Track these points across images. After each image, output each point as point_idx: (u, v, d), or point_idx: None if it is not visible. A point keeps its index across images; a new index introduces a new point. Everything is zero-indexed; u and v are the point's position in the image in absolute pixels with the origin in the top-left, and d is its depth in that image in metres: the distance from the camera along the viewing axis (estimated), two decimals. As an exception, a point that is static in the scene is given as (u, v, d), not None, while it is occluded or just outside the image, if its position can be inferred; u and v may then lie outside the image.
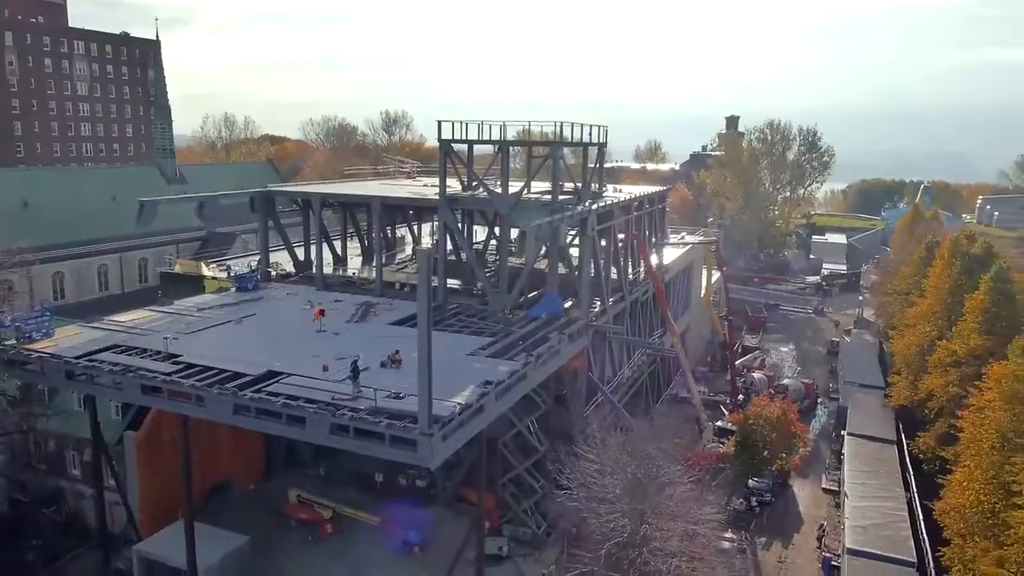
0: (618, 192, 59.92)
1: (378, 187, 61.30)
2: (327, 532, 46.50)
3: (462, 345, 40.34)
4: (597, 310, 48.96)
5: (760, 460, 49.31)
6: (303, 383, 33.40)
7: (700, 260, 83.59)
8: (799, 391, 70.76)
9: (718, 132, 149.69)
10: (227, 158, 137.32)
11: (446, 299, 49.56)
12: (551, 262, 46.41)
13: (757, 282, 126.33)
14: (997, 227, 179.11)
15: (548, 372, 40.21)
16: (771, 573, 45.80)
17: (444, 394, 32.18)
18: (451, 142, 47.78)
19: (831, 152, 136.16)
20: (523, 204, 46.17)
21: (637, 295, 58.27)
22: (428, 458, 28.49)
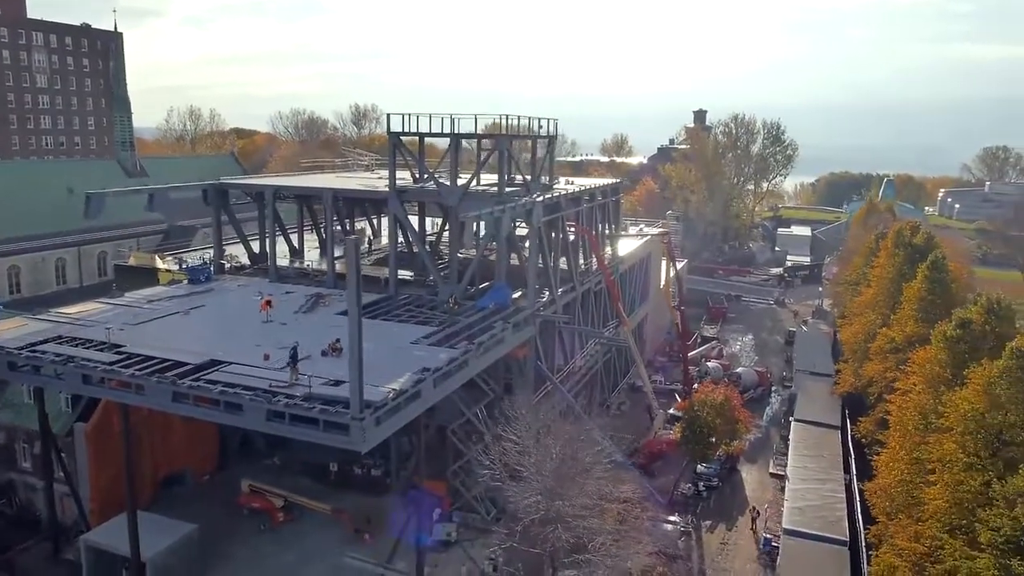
0: (570, 185, 60.78)
1: (331, 180, 61.63)
2: (279, 520, 47.04)
3: (406, 334, 41.06)
4: (545, 300, 49.78)
5: (705, 445, 50.50)
6: (244, 371, 33.95)
7: (659, 251, 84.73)
8: (752, 379, 72.31)
9: (684, 126, 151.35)
10: (193, 151, 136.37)
11: (397, 290, 50.17)
12: (499, 253, 47.21)
13: (721, 273, 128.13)
14: (957, 219, 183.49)
15: (491, 360, 41.03)
16: (714, 554, 47.05)
17: (381, 380, 32.94)
18: (400, 135, 48.29)
19: (794, 146, 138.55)
20: (471, 196, 46.87)
21: (589, 286, 59.21)
22: (360, 442, 29.21)
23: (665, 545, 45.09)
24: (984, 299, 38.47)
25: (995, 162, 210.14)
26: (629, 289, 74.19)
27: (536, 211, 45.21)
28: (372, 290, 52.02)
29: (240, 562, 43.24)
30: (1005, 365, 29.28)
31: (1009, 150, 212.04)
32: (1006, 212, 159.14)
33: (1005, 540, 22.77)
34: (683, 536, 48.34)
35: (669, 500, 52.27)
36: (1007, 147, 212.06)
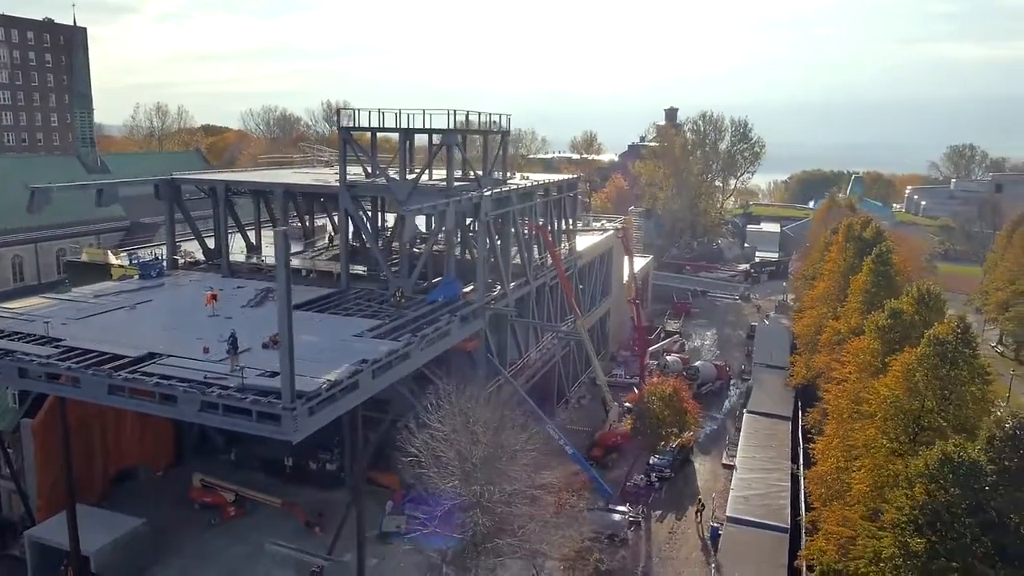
0: (525, 180, 61.26)
1: (286, 175, 61.68)
2: (230, 515, 47.15)
3: (351, 327, 41.33)
4: (496, 294, 50.22)
5: (655, 436, 51.23)
6: (182, 364, 34.08)
7: (620, 247, 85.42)
8: (710, 373, 73.23)
9: (654, 123, 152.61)
10: (160, 148, 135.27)
11: (349, 284, 50.38)
12: (448, 248, 47.59)
13: (689, 269, 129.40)
14: (923, 216, 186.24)
15: (436, 352, 41.43)
16: (661, 543, 47.77)
17: (317, 372, 33.25)
18: (350, 130, 48.49)
19: (761, 143, 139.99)
20: (421, 191, 47.19)
21: (544, 280, 59.73)
22: (291, 432, 29.47)
23: (612, 532, 45.88)
24: (915, 290, 39.40)
25: (961, 160, 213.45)
26: (590, 284, 74.88)
27: (484, 206, 45.62)
28: (325, 285, 52.30)
29: (189, 556, 43.32)
30: (923, 353, 30.11)
31: (975, 148, 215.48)
32: (970, 209, 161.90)
33: (906, 519, 23.52)
34: (632, 526, 49.03)
35: (621, 491, 53.02)
36: (973, 145, 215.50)
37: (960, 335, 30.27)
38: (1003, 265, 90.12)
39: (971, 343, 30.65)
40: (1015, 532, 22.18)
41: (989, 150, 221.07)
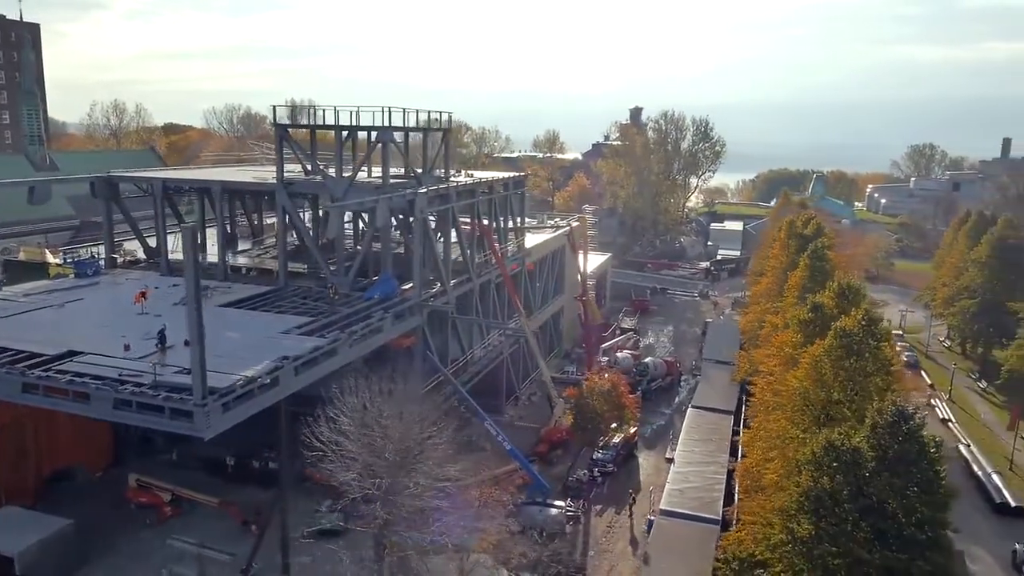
0: (468, 178, 61.45)
1: (228, 173, 61.32)
2: (166, 515, 46.76)
3: (281, 324, 41.29)
4: (435, 291, 50.36)
5: (594, 431, 51.70)
6: (100, 362, 33.84)
7: (578, 244, 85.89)
8: (660, 369, 73.93)
9: (616, 122, 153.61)
10: (118, 146, 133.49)
11: (287, 281, 50.24)
12: (383, 244, 47.65)
13: (651, 267, 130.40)
14: (883, 214, 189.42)
15: (368, 349, 41.53)
16: (599, 536, 48.25)
17: (236, 368, 33.21)
18: (286, 127, 48.37)
19: (722, 142, 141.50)
20: (357, 188, 47.20)
21: (489, 278, 59.96)
22: (204, 428, 29.42)
23: (546, 527, 46.26)
24: (835, 284, 40.19)
25: (922, 159, 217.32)
26: (541, 281, 75.28)
27: (419, 203, 45.73)
28: (265, 283, 52.13)
29: (120, 556, 42.90)
30: (829, 344, 30.78)
31: (935, 148, 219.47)
32: (928, 207, 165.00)
33: (795, 505, 24.08)
34: (571, 520, 49.45)
35: (563, 486, 53.43)
36: (933, 145, 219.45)
37: (865, 327, 30.97)
38: (948, 262, 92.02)
39: (876, 335, 31.37)
40: (893, 517, 22.83)
41: (949, 149, 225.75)
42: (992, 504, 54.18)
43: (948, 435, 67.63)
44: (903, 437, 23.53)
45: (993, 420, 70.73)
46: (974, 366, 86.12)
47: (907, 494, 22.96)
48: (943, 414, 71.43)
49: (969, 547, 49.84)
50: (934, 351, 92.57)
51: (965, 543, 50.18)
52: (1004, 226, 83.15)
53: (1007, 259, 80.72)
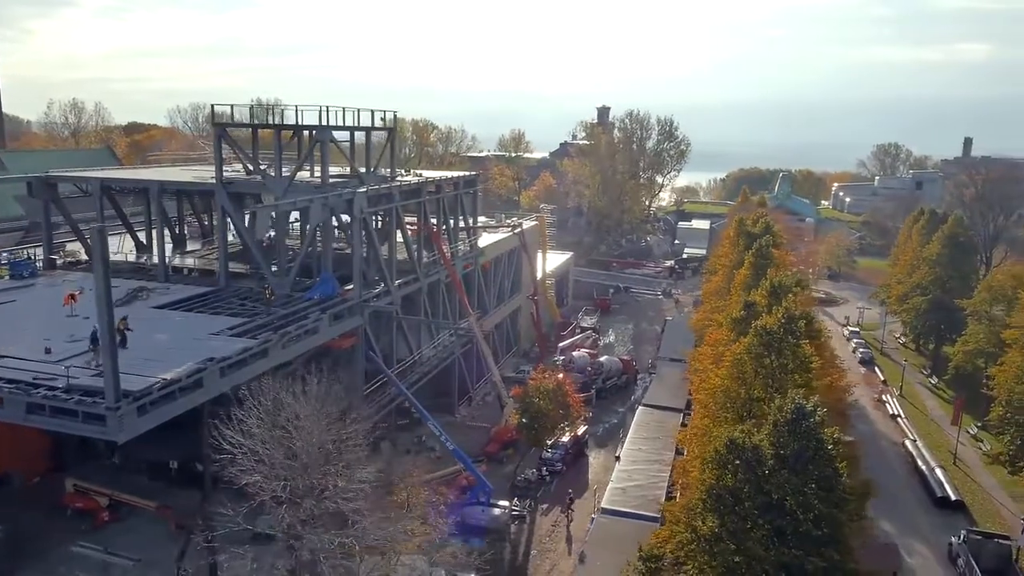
0: (417, 177, 61.17)
1: (167, 173, 60.49)
2: (103, 520, 46.06)
3: (213, 325, 40.77)
4: (378, 291, 50.05)
5: (541, 431, 51.68)
6: (17, 365, 33.18)
7: (535, 243, 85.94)
8: (616, 368, 74.13)
9: (581, 121, 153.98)
10: (77, 145, 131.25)
11: (228, 282, 49.65)
12: (325, 244, 47.26)
13: (616, 266, 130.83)
14: (848, 212, 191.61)
15: (302, 350, 41.13)
16: (543, 536, 48.26)
17: (157, 371, 32.73)
18: (224, 125, 47.80)
19: (687, 141, 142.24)
20: (296, 188, 46.77)
21: (438, 277, 59.73)
22: (117, 432, 28.96)
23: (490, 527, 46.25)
24: (768, 283, 40.48)
25: (887, 158, 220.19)
26: (497, 280, 75.18)
27: (357, 202, 45.39)
28: (207, 283, 51.48)
29: (52, 562, 42.13)
30: (750, 342, 30.97)
31: (900, 147, 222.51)
32: (891, 205, 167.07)
33: (700, 503, 24.20)
34: (516, 520, 49.43)
35: (510, 485, 53.39)
36: (898, 144, 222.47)
37: (786, 325, 31.20)
38: (902, 259, 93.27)
39: (796, 333, 31.61)
40: (791, 514, 22.98)
41: (915, 149, 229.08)
42: (933, 498, 54.93)
43: (897, 430, 68.62)
44: (802, 435, 23.72)
45: (941, 415, 71.76)
46: (927, 362, 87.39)
47: (804, 491, 23.15)
48: (893, 410, 72.39)
49: (908, 540, 50.65)
50: (889, 347, 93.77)
51: (905, 536, 51.12)
52: (954, 224, 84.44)
53: (956, 256, 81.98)
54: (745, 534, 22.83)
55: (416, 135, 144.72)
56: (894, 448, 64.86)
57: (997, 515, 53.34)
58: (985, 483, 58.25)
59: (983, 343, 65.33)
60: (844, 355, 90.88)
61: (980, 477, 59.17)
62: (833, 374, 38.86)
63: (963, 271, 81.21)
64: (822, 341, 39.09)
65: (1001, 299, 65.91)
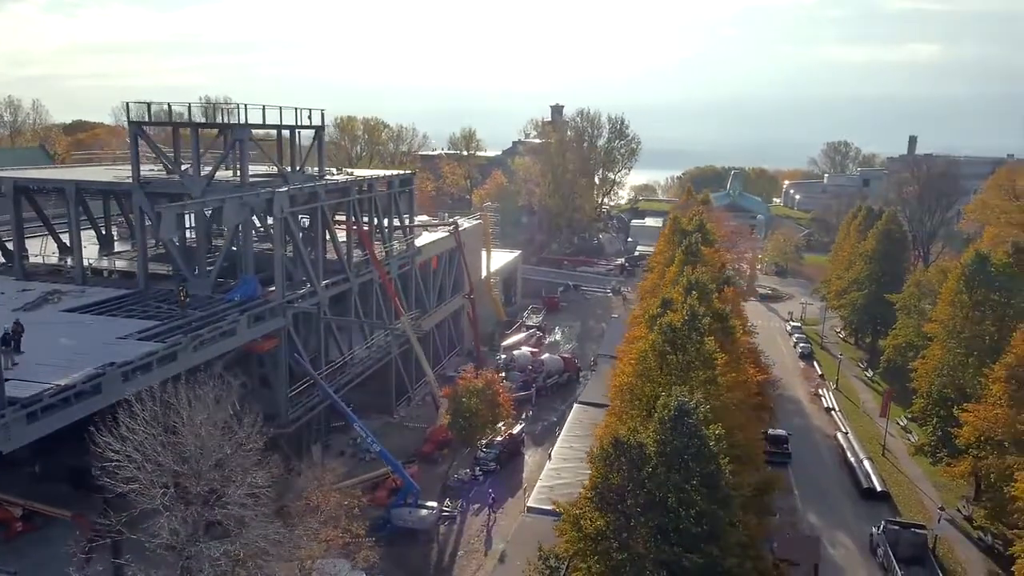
0: (348, 175, 60.52)
1: (83, 172, 58.97)
2: (17, 530, 44.73)
3: (124, 329, 39.75)
4: (303, 292, 49.35)
5: (471, 430, 51.50)
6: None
7: (477, 242, 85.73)
8: (557, 366, 74.29)
9: (531, 119, 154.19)
10: (12, 144, 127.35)
11: (148, 284, 48.54)
12: (244, 245, 46.45)
13: (568, 264, 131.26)
14: (798, 209, 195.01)
15: (217, 352, 40.35)
16: (472, 537, 48.08)
17: (54, 376, 31.82)
18: (141, 124, 46.70)
19: (638, 140, 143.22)
20: (215, 187, 45.89)
21: (372, 277, 59.14)
22: (4, 441, 28.01)
23: (417, 529, 45.99)
24: (685, 280, 40.78)
25: (836, 156, 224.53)
26: (437, 280, 74.78)
27: (278, 201, 44.67)
28: (127, 285, 50.25)
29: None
30: (654, 339, 31.13)
31: (849, 145, 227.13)
32: (839, 202, 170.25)
33: (588, 502, 24.23)
34: (446, 521, 49.19)
35: (442, 486, 53.14)
36: (847, 142, 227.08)
37: (689, 322, 31.41)
38: (840, 255, 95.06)
39: (700, 329, 31.85)
40: (674, 512, 23.11)
41: (864, 147, 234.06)
42: (860, 489, 55.99)
43: (831, 424, 69.88)
44: (684, 432, 23.86)
45: (874, 408, 73.25)
46: (864, 356, 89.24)
47: (685, 488, 23.29)
48: (828, 403, 73.71)
49: (833, 532, 51.55)
50: (830, 342, 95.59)
51: (831, 528, 52.02)
52: (888, 220, 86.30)
53: (891, 252, 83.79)
54: (629, 532, 22.90)
55: (367, 134, 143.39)
56: (827, 441, 66.04)
57: (920, 505, 54.53)
58: (911, 473, 59.59)
59: (911, 337, 66.81)
60: (786, 350, 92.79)
61: (907, 468, 60.50)
62: (748, 370, 39.27)
63: (897, 267, 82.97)
64: (737, 337, 39.50)
65: (929, 294, 67.44)
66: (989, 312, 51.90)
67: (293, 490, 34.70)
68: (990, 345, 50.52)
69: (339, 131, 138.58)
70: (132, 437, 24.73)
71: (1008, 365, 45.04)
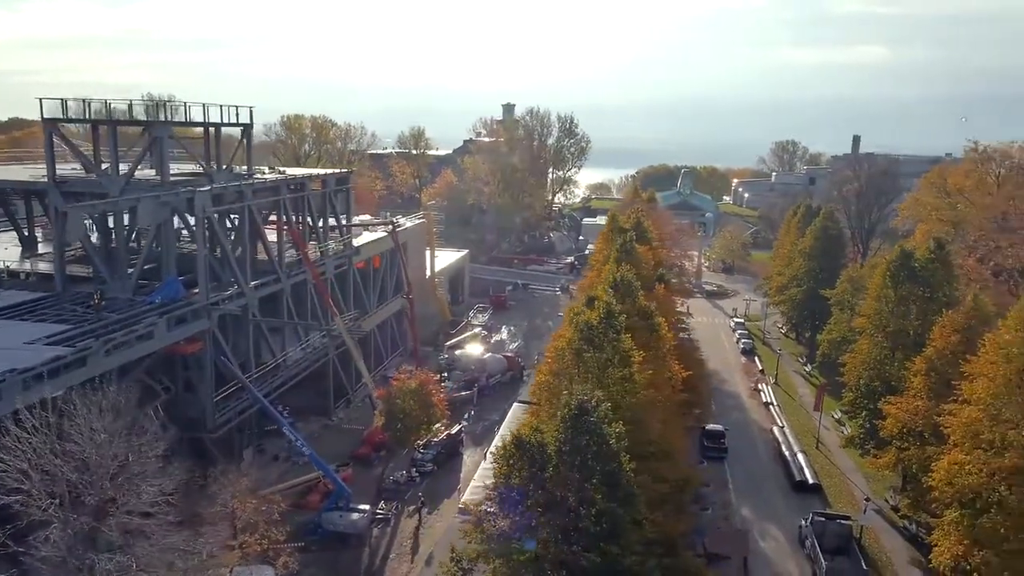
0: (279, 174, 59.46)
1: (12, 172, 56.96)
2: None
3: (31, 333, 38.31)
4: (230, 293, 48.25)
5: (405, 431, 50.96)
6: None
7: (420, 242, 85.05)
8: (499, 365, 74.09)
9: (480, 118, 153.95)
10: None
11: (65, 287, 46.96)
12: (166, 246, 45.20)
13: (518, 263, 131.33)
14: (747, 207, 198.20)
15: (133, 356, 39.20)
16: (405, 539, 47.61)
17: (-53, 384, 30.48)
18: (57, 121, 45.14)
19: (587, 138, 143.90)
20: (133, 186, 44.57)
21: (307, 277, 58.16)
22: None
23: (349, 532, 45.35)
24: (611, 278, 40.86)
25: (784, 154, 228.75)
26: (378, 281, 73.95)
27: (199, 200, 43.56)
28: (45, 288, 48.53)
29: None
30: (570, 337, 31.09)
31: (797, 144, 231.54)
32: (786, 201, 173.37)
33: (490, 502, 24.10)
34: (380, 524, 48.60)
35: (377, 488, 52.52)
36: (795, 141, 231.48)
37: (605, 319, 31.42)
38: (780, 252, 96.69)
39: (616, 327, 31.91)
40: (574, 511, 23.05)
41: (811, 146, 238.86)
42: (792, 482, 56.91)
43: (768, 418, 70.95)
44: (585, 430, 23.80)
45: (811, 402, 74.56)
46: (804, 350, 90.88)
47: (585, 487, 23.23)
48: (767, 398, 74.85)
49: (765, 525, 52.30)
50: (771, 338, 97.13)
51: (762, 521, 52.77)
52: (825, 217, 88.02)
53: (828, 249, 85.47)
54: (530, 532, 22.76)
55: (315, 132, 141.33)
56: (763, 435, 67.04)
57: (851, 496, 55.63)
58: (843, 465, 60.78)
59: (843, 331, 68.19)
60: (729, 346, 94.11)
61: (839, 460, 61.71)
62: (672, 366, 39.52)
63: (834, 263, 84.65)
64: (662, 334, 39.71)
65: (861, 290, 68.89)
66: (913, 307, 53.16)
67: (207, 497, 33.76)
68: (914, 339, 51.75)
69: (286, 130, 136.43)
70: (17, 446, 23.68)
71: (928, 358, 46.23)
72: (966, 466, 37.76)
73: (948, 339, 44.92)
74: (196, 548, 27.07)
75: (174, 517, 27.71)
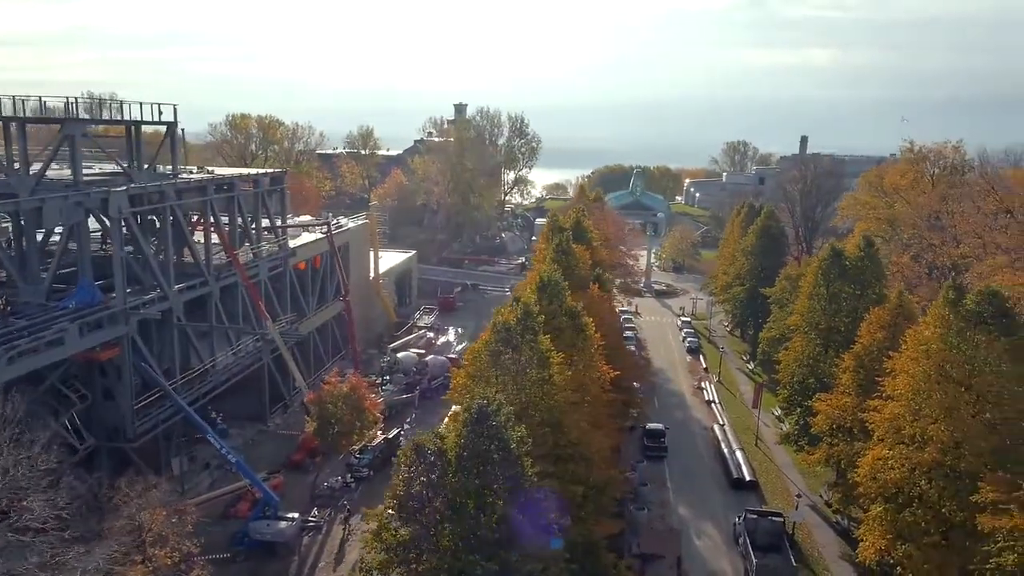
0: (207, 174, 57.84)
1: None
2: None
3: (-71, 342, 36.43)
4: (151, 297, 46.65)
5: (336, 436, 49.93)
6: None
7: (364, 243, 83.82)
8: (442, 367, 73.18)
9: (430, 117, 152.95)
10: None
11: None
12: (81, 248, 43.47)
13: (468, 263, 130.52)
14: (698, 206, 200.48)
15: (41, 364, 37.55)
16: (335, 545, 46.62)
17: None
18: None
19: (537, 139, 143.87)
20: (45, 186, 42.76)
21: (236, 280, 56.63)
22: None
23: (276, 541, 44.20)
24: (539, 278, 40.47)
25: (736, 155, 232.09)
26: (317, 283, 72.56)
27: (114, 201, 41.93)
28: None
29: None
30: (488, 339, 30.55)
31: (747, 144, 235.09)
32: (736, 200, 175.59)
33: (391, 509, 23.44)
34: (311, 531, 47.50)
35: (311, 495, 51.39)
36: (746, 142, 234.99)
37: (522, 320, 30.96)
38: (724, 251, 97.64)
39: (533, 329, 31.47)
40: (475, 518, 22.49)
41: (761, 146, 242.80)
42: (730, 479, 57.23)
43: (710, 416, 71.41)
44: (486, 435, 23.26)
45: (752, 399, 75.28)
46: (748, 348, 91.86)
47: (484, 492, 22.67)
48: (709, 396, 75.37)
49: (701, 523, 52.46)
50: (717, 336, 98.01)
51: (698, 519, 52.93)
52: (767, 216, 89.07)
53: (769, 247, 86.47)
54: (429, 541, 22.11)
55: (262, 132, 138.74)
56: (704, 433, 67.41)
57: (787, 492, 56.09)
58: (781, 462, 61.38)
59: (781, 329, 68.89)
60: (675, 344, 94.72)
61: (777, 456, 62.32)
62: (600, 367, 39.24)
63: (776, 261, 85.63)
64: (590, 335, 39.41)
65: (797, 288, 69.62)
66: (844, 304, 53.81)
67: (112, 510, 32.39)
68: (845, 336, 52.34)
69: (232, 129, 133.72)
70: None
71: (856, 355, 46.78)
72: (889, 461, 38.26)
73: (874, 336, 45.51)
74: (87, 565, 25.80)
75: (69, 533, 26.43)
